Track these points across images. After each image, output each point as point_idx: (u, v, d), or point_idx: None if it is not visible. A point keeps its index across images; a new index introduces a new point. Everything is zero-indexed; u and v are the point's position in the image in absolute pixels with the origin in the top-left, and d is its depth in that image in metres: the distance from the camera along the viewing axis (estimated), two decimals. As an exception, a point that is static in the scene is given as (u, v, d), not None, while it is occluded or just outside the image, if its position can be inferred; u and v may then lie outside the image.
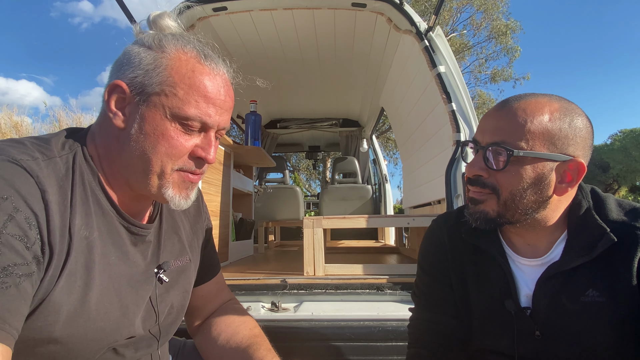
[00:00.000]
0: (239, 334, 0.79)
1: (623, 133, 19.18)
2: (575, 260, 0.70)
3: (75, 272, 0.56)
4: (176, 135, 0.61)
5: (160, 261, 0.71)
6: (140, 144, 0.61)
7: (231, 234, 2.37)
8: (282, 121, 4.53)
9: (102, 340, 0.61)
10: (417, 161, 2.63)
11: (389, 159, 15.26)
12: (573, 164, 0.68)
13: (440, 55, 1.92)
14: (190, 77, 0.61)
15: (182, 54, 0.63)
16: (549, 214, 0.72)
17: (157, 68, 0.61)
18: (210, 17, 2.20)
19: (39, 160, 0.55)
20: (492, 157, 0.70)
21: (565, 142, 0.67)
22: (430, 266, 0.88)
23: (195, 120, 0.62)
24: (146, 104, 0.61)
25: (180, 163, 0.63)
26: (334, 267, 1.73)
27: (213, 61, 0.65)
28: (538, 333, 0.72)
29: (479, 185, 0.72)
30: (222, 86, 0.65)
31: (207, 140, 0.65)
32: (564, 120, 0.68)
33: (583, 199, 0.74)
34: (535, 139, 0.67)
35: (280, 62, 2.92)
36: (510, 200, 0.69)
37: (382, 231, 4.05)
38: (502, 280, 0.77)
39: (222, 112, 0.65)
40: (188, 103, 0.61)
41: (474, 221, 0.75)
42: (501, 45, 14.10)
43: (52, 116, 10.19)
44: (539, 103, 0.69)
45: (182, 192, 0.65)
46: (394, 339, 1.33)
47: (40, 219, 0.52)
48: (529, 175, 0.68)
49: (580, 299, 0.69)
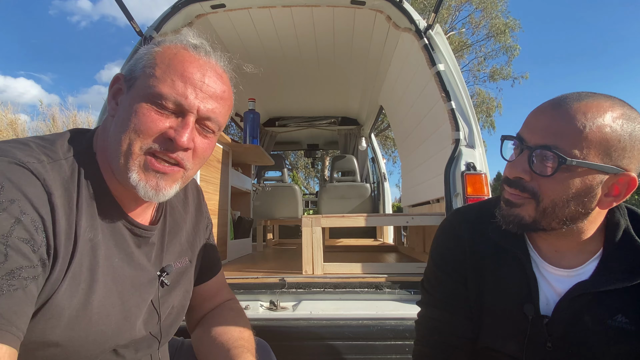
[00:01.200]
0: (227, 334, 0.78)
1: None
2: (613, 283, 0.66)
3: (79, 274, 0.56)
4: (148, 112, 0.59)
5: (164, 264, 0.71)
6: (117, 126, 0.60)
7: (230, 233, 2.36)
8: (281, 119, 4.52)
9: (103, 343, 0.60)
10: (416, 159, 2.63)
11: (388, 158, 15.28)
12: (624, 178, 0.63)
13: (440, 54, 1.91)
14: (171, 59, 0.61)
15: (172, 46, 0.64)
16: (586, 226, 0.68)
17: (146, 55, 0.63)
18: (209, 15, 2.19)
19: (45, 163, 0.55)
20: (540, 161, 0.64)
21: (621, 154, 0.62)
22: (445, 263, 0.83)
23: (169, 100, 0.59)
24: (131, 89, 0.62)
25: (149, 143, 0.59)
26: (332, 266, 1.72)
27: (203, 51, 0.64)
28: (550, 345, 0.69)
29: (518, 188, 0.67)
30: (206, 72, 0.63)
31: (183, 124, 0.61)
32: (625, 130, 0.61)
33: (621, 217, 0.70)
34: (591, 147, 0.61)
35: (278, 60, 2.91)
36: (551, 209, 0.65)
37: (381, 230, 4.05)
38: (523, 284, 0.73)
39: (203, 97, 0.62)
40: (163, 81, 0.59)
41: (505, 224, 0.70)
42: (500, 44, 14.10)
43: (46, 114, 10.16)
44: (600, 107, 0.62)
45: (150, 181, 0.60)
46: (393, 337, 1.33)
47: (46, 222, 0.52)
48: (576, 186, 0.63)
49: (607, 322, 0.66)
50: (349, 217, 1.82)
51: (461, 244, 0.81)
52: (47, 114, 10.12)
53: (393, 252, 2.78)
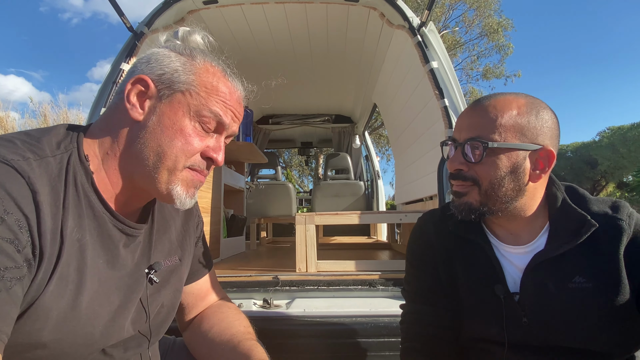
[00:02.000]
0: (232, 328, 0.79)
1: (611, 130, 19.47)
2: (561, 247, 0.74)
3: (67, 275, 0.55)
4: (194, 133, 0.64)
5: (152, 261, 0.71)
6: (156, 137, 0.62)
7: (222, 231, 2.35)
8: (274, 117, 4.51)
9: (91, 345, 0.60)
10: (410, 157, 2.63)
11: (382, 156, 15.32)
12: (543, 152, 0.74)
13: (433, 51, 1.92)
14: (214, 85, 0.66)
15: (209, 66, 0.67)
16: (527, 202, 0.78)
17: (185, 71, 0.65)
18: (201, 10, 2.17)
19: (31, 160, 0.54)
20: (469, 151, 0.76)
21: (534, 133, 0.74)
22: (418, 260, 0.92)
23: (214, 118, 0.65)
24: (169, 100, 0.64)
25: (192, 160, 0.65)
26: (326, 264, 1.72)
27: (234, 80, 0.71)
28: (525, 320, 0.75)
29: (460, 179, 0.78)
30: (237, 100, 0.70)
31: (219, 144, 0.68)
32: (531, 113, 0.74)
33: (557, 190, 0.80)
34: (507, 131, 0.73)
35: (272, 57, 2.89)
36: (491, 189, 0.75)
37: (375, 227, 4.06)
38: (489, 268, 0.81)
39: (235, 120, 0.70)
40: (210, 102, 0.65)
41: (459, 213, 0.80)
42: (493, 43, 14.19)
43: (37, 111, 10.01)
44: (507, 100, 0.76)
45: (190, 190, 0.66)
46: (386, 334, 1.33)
47: (31, 221, 0.51)
48: (504, 165, 0.74)
49: (567, 286, 0.73)
50: (343, 214, 1.82)
51: (429, 241, 0.91)
52: (38, 111, 9.98)
53: (386, 249, 2.79)
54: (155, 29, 2.02)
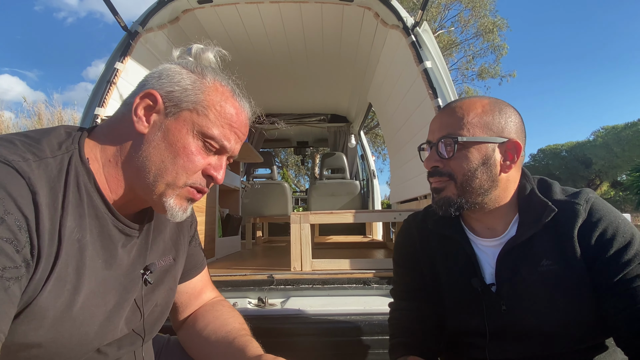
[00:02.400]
0: (227, 326, 0.79)
1: (605, 130, 19.62)
2: (527, 232, 0.79)
3: (65, 276, 0.55)
4: (196, 151, 0.65)
5: (148, 262, 0.71)
6: (160, 152, 0.63)
7: (218, 230, 2.35)
8: (270, 116, 4.50)
9: (86, 345, 0.60)
10: (405, 157, 2.65)
11: (378, 155, 15.35)
12: (510, 143, 0.80)
13: (427, 51, 1.93)
14: (223, 106, 0.67)
15: (219, 86, 0.68)
16: (500, 194, 0.82)
17: (195, 89, 0.66)
18: (196, 10, 2.16)
19: (30, 162, 0.54)
20: (443, 148, 0.81)
21: (499, 127, 0.80)
22: (403, 260, 0.98)
23: (217, 142, 0.66)
24: (175, 117, 0.65)
25: (193, 179, 0.66)
26: (321, 262, 1.73)
27: (242, 99, 0.71)
28: (504, 307, 0.80)
29: (437, 175, 0.83)
30: (244, 121, 0.71)
31: (220, 163, 0.69)
32: (494, 111, 0.81)
33: (527, 182, 0.85)
34: (475, 127, 0.79)
35: (267, 56, 2.89)
36: (465, 181, 0.80)
37: (370, 226, 4.06)
38: (467, 262, 0.86)
39: (238, 142, 0.71)
40: (217, 126, 0.66)
41: (439, 208, 0.84)
42: (488, 43, 14.25)
43: (31, 111, 9.93)
44: (472, 101, 0.83)
45: (183, 205, 0.67)
46: (380, 332, 1.34)
47: (30, 222, 0.51)
48: (475, 157, 0.79)
49: (537, 269, 0.78)
50: (337, 213, 1.83)
51: (412, 240, 0.96)
52: (32, 111, 9.90)
53: (381, 248, 2.80)
54: (149, 28, 2.02)
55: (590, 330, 0.76)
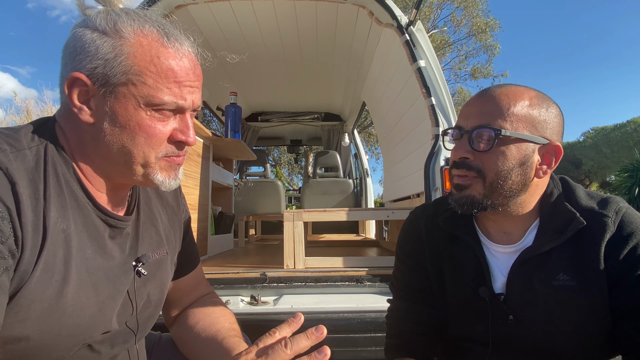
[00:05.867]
0: (217, 324, 0.78)
1: (595, 131, 19.89)
2: (548, 244, 0.72)
3: (53, 266, 0.54)
4: (153, 124, 0.59)
5: (139, 254, 0.70)
6: (117, 138, 0.59)
7: (210, 228, 2.34)
8: (264, 114, 4.49)
9: (76, 337, 0.59)
10: (398, 155, 2.66)
11: (371, 154, 15.39)
12: (551, 147, 0.72)
13: (421, 50, 1.93)
14: (157, 64, 0.58)
15: (142, 38, 0.58)
16: (527, 199, 0.75)
17: (117, 57, 0.57)
18: (189, 5, 2.15)
19: (7, 152, 0.53)
20: (477, 139, 0.71)
21: (544, 126, 0.71)
22: (407, 256, 0.89)
23: (170, 106, 0.60)
24: (114, 95, 0.58)
25: (163, 150, 0.62)
26: (314, 260, 1.73)
27: (177, 40, 0.61)
28: (512, 317, 0.74)
29: (464, 168, 0.73)
30: (190, 67, 0.62)
31: (184, 123, 0.63)
32: (542, 106, 0.71)
33: (554, 187, 0.77)
34: (519, 121, 0.70)
35: (261, 53, 2.88)
36: (496, 181, 0.71)
37: (363, 225, 4.08)
38: (477, 268, 0.78)
39: (193, 91, 0.63)
40: (160, 90, 0.58)
41: (459, 207, 0.75)
42: (481, 43, 14.35)
43: (21, 107, 9.78)
44: (519, 90, 0.72)
45: (171, 174, 0.65)
46: (373, 330, 1.34)
47: (12, 212, 0.51)
48: (514, 156, 0.70)
49: (551, 283, 0.71)
50: (330, 211, 1.83)
51: (419, 237, 0.87)
52: (21, 107, 9.75)
53: (374, 246, 2.81)
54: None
55: (599, 349, 0.71)
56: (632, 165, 10.99)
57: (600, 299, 0.68)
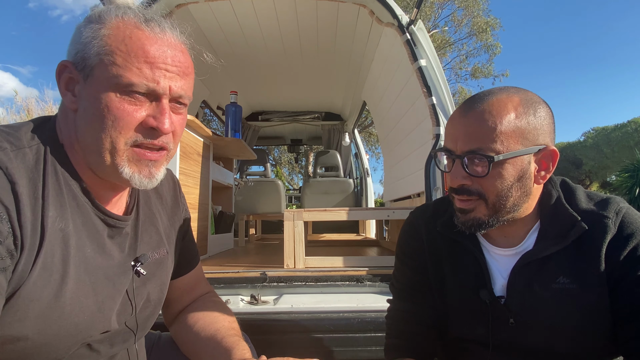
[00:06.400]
0: (217, 323, 0.78)
1: (595, 131, 19.87)
2: (549, 248, 0.72)
3: (51, 266, 0.54)
4: (121, 106, 0.57)
5: (138, 254, 0.70)
6: (89, 122, 0.58)
7: (210, 227, 2.33)
8: (264, 113, 4.48)
9: (76, 336, 0.59)
10: (398, 155, 2.65)
11: (371, 154, 15.39)
12: (546, 152, 0.70)
13: (422, 49, 1.93)
14: (128, 43, 0.57)
15: (119, 22, 0.59)
16: (530, 204, 0.74)
17: (94, 39, 0.57)
18: (189, 4, 2.14)
19: (8, 151, 0.53)
20: (471, 165, 0.69)
21: (535, 134, 0.69)
22: (407, 257, 0.89)
23: (141, 88, 0.57)
24: (90, 78, 0.57)
25: (132, 136, 0.58)
26: (314, 260, 1.73)
27: (157, 25, 0.60)
28: (512, 320, 0.74)
29: (465, 194, 0.72)
30: (167, 49, 0.60)
31: (160, 109, 0.60)
32: (529, 113, 0.69)
33: (552, 188, 0.77)
34: (509, 138, 0.67)
35: (261, 53, 2.88)
36: (498, 201, 0.70)
37: (363, 224, 4.08)
38: (477, 271, 0.78)
39: (172, 76, 0.60)
40: (129, 70, 0.56)
41: (467, 229, 0.75)
42: (481, 42, 14.34)
43: (21, 106, 9.78)
44: (501, 102, 0.69)
45: (143, 170, 0.61)
46: (373, 329, 1.34)
47: (11, 212, 0.50)
48: (511, 174, 0.69)
49: (551, 286, 0.71)
50: (331, 211, 1.83)
51: (419, 238, 0.87)
52: (22, 106, 9.75)
53: (374, 246, 2.80)
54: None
55: (600, 351, 0.71)
56: (632, 166, 10.99)
57: (601, 301, 0.68)
